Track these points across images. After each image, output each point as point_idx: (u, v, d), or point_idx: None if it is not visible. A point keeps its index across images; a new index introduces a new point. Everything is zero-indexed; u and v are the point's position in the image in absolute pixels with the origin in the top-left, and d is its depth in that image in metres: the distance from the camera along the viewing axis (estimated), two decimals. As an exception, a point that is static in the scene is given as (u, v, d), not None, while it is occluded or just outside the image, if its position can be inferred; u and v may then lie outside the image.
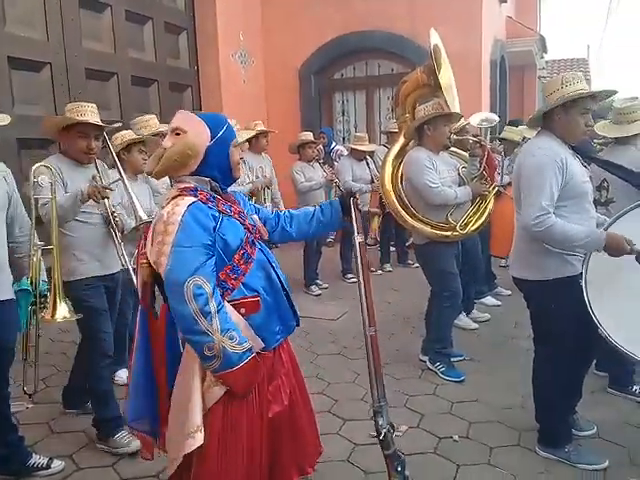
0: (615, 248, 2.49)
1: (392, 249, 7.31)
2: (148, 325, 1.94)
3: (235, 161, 1.96)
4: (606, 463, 2.74)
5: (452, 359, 3.94)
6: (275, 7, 8.78)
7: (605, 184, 3.58)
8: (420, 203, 3.82)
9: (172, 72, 7.47)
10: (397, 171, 4.03)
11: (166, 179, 3.57)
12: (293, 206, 5.92)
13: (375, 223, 7.58)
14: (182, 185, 1.87)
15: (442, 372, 3.80)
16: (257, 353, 1.86)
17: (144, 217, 3.09)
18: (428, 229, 3.80)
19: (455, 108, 3.81)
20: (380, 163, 5.00)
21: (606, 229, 2.58)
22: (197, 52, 7.87)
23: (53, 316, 2.77)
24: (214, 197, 1.90)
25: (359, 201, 2.26)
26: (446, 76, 3.83)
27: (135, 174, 3.68)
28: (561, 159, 2.57)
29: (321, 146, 8.03)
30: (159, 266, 1.78)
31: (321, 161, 6.25)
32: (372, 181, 6.35)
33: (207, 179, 1.90)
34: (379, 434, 2.09)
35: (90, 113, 2.94)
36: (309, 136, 6.19)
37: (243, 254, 1.87)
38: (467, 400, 3.47)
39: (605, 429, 3.05)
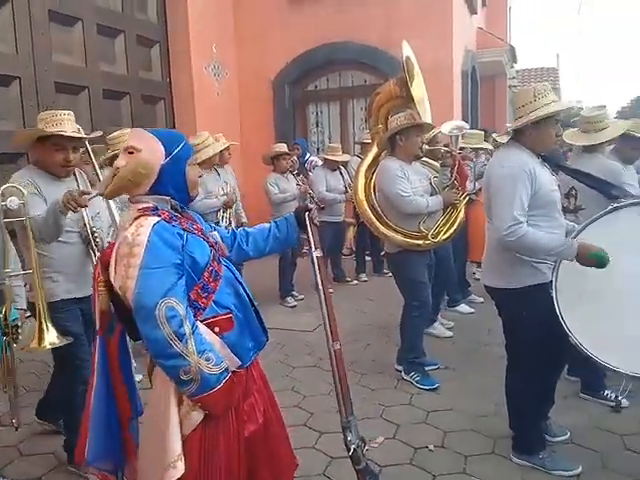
0: (585, 257, 2.53)
1: (367, 259, 7.34)
2: (107, 355, 1.87)
3: (192, 179, 1.90)
4: (580, 469, 2.76)
5: (426, 368, 3.96)
6: (248, 19, 8.81)
7: (573, 192, 3.65)
8: (392, 212, 3.86)
9: (144, 85, 7.44)
10: (370, 181, 4.07)
11: None
12: (267, 218, 5.91)
13: (350, 233, 7.64)
14: (141, 205, 1.81)
15: (417, 381, 3.82)
16: (232, 372, 1.82)
17: None
18: (400, 238, 3.83)
19: (427, 119, 3.86)
20: (354, 173, 5.03)
21: (575, 237, 2.63)
22: (170, 64, 7.85)
23: (40, 343, 2.56)
24: (176, 216, 1.85)
25: (314, 215, 2.22)
26: (418, 88, 3.88)
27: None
28: (530, 169, 2.61)
29: (295, 157, 8.05)
30: (126, 291, 1.69)
31: (295, 172, 6.26)
32: (346, 191, 6.38)
33: (167, 198, 1.85)
34: (348, 450, 2.08)
35: (67, 122, 2.73)
36: (283, 147, 6.20)
37: (212, 271, 1.83)
38: (442, 409, 3.48)
39: (578, 434, 3.09)
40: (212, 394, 1.72)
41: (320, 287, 2.14)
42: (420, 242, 3.84)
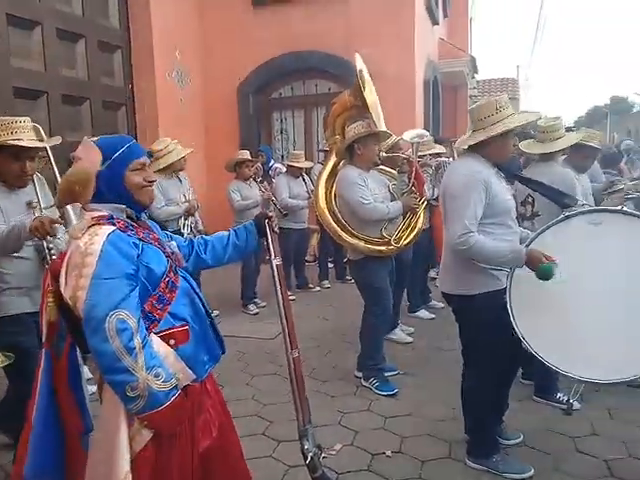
0: (534, 263, 2.60)
1: (330, 266, 7.38)
2: (55, 369, 1.81)
3: (133, 185, 1.82)
4: (532, 471, 2.83)
5: (386, 374, 4.00)
6: (213, 27, 8.79)
7: (530, 199, 3.76)
8: (354, 220, 3.90)
9: (106, 90, 7.33)
10: (331, 190, 4.12)
11: None
12: (230, 226, 5.89)
13: (314, 240, 7.68)
14: (95, 214, 1.78)
15: (376, 387, 3.86)
16: (186, 386, 1.79)
17: None
18: (363, 244, 3.88)
19: (381, 126, 3.93)
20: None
21: (528, 245, 2.70)
22: (132, 70, 7.77)
23: None
24: (132, 225, 1.82)
25: (275, 222, 2.24)
26: (371, 95, 3.96)
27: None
28: (484, 179, 2.67)
29: (260, 164, 8.07)
30: (76, 301, 1.64)
31: (259, 179, 6.26)
32: (309, 197, 6.42)
33: (123, 206, 1.82)
34: (305, 458, 2.09)
35: (23, 130, 2.63)
36: (245, 155, 6.20)
37: (168, 282, 1.80)
38: (401, 414, 3.52)
39: (531, 437, 3.16)
40: (160, 411, 1.68)
41: (279, 295, 2.15)
42: (383, 248, 3.90)
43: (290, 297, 6.22)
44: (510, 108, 2.75)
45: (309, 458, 2.10)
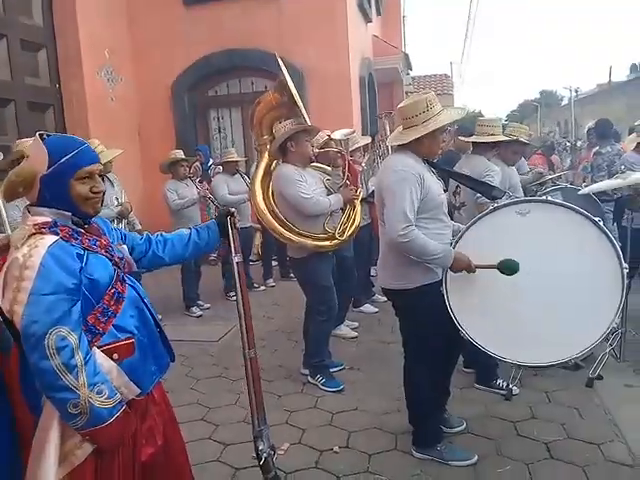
0: (458, 267, 2.69)
1: (274, 264, 7.34)
2: (4, 375, 1.74)
3: (78, 196, 1.70)
4: (475, 458, 2.90)
5: (332, 370, 4.01)
6: (143, 24, 8.57)
7: (458, 189, 3.88)
8: (297, 217, 3.87)
9: (31, 91, 7.02)
10: (267, 190, 4.07)
11: None
12: (167, 225, 5.79)
13: (257, 239, 7.61)
14: (39, 219, 1.66)
15: (322, 384, 3.86)
16: (131, 400, 1.74)
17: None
18: (309, 241, 3.85)
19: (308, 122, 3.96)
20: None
21: (455, 243, 2.77)
22: (58, 70, 7.46)
23: None
24: (78, 232, 1.72)
25: (237, 220, 2.23)
26: (295, 94, 3.99)
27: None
28: (418, 174, 2.71)
29: (198, 164, 7.95)
30: (13, 315, 1.57)
31: (197, 179, 6.17)
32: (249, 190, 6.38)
33: (68, 213, 1.71)
34: (260, 459, 2.07)
35: None
36: (179, 154, 6.09)
37: (114, 293, 1.73)
38: (347, 410, 3.54)
39: (473, 424, 3.24)
40: (103, 428, 1.63)
41: (239, 293, 2.14)
42: (328, 242, 3.90)
43: (233, 297, 6.18)
44: (438, 105, 2.79)
45: (263, 459, 2.07)
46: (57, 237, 1.64)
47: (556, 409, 3.41)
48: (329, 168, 4.31)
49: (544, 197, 2.88)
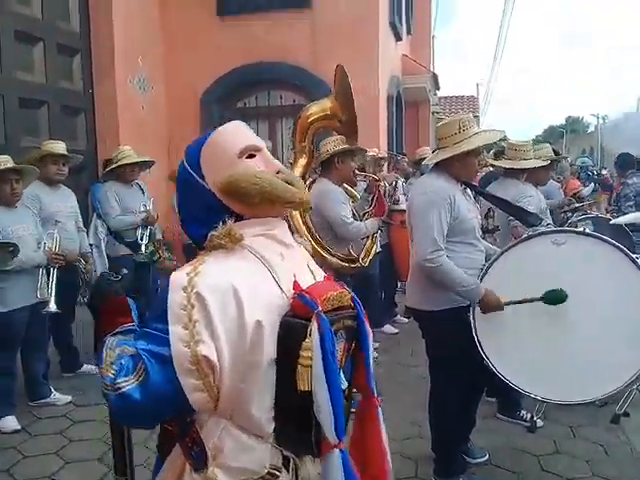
0: (487, 306, 2.62)
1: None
2: None
3: None
4: (497, 490, 2.83)
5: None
6: (177, 34, 8.65)
7: (491, 213, 3.82)
8: (329, 235, 3.83)
9: (64, 95, 7.11)
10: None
11: None
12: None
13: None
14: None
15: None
16: None
17: None
18: (335, 261, 3.81)
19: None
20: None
21: (486, 271, 2.71)
22: (92, 75, 7.56)
23: None
24: None
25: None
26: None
27: (7, 205, 3.62)
28: (449, 197, 2.67)
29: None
30: None
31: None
32: None
33: None
34: None
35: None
36: None
37: None
38: (366, 433, 3.47)
39: (496, 455, 3.17)
40: None
41: None
42: (348, 265, 3.87)
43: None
44: (475, 127, 2.76)
45: None
46: None
47: (581, 445, 3.32)
48: (353, 191, 4.25)
49: (582, 229, 2.80)
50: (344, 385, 1.30)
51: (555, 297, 2.55)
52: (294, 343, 1.13)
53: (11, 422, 3.55)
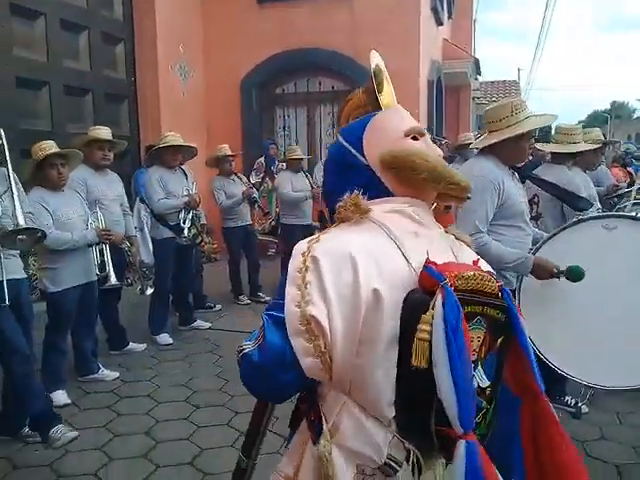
0: (542, 271, 2.58)
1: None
2: None
3: None
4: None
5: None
6: (216, 21, 8.72)
7: (536, 199, 3.73)
8: None
9: (108, 82, 7.27)
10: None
11: None
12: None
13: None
14: None
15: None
16: None
17: (22, 223, 3.00)
18: None
19: None
20: (320, 178, 5.02)
21: (535, 253, 2.67)
22: (135, 63, 7.70)
23: None
24: None
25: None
26: (388, 97, 3.86)
27: (54, 189, 3.69)
28: (498, 181, 2.62)
29: (262, 159, 8.10)
30: None
31: (260, 174, 6.24)
32: (312, 188, 6.42)
33: None
34: None
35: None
36: (226, 150, 6.12)
37: None
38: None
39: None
40: None
41: None
42: None
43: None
44: (526, 110, 2.69)
45: None
46: None
47: (627, 431, 3.26)
48: None
49: (635, 214, 2.72)
50: (484, 383, 1.12)
51: (573, 273, 2.49)
52: (415, 318, 1.04)
53: (61, 396, 3.68)
